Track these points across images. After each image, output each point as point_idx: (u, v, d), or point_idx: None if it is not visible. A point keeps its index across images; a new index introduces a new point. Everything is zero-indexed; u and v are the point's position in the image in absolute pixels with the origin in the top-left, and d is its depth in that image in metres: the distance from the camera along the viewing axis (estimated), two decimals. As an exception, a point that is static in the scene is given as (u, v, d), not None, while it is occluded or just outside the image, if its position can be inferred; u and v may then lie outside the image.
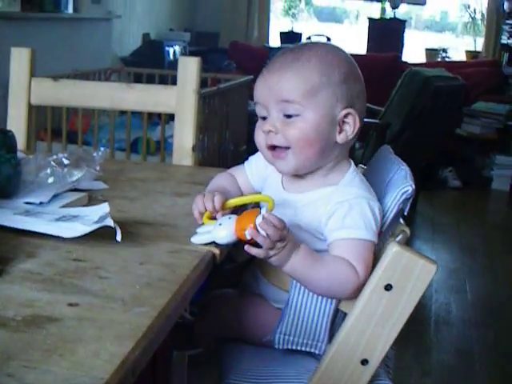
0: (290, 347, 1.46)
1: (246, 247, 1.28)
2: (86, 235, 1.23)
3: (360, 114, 1.43)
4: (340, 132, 1.41)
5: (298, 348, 1.46)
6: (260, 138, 1.44)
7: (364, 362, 1.35)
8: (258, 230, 1.26)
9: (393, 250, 1.30)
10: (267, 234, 1.25)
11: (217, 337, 1.58)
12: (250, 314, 1.52)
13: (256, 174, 1.57)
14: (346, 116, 1.41)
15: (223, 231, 1.30)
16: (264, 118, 1.43)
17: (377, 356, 1.35)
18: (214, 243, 1.30)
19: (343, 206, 1.38)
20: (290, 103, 1.38)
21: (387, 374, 1.50)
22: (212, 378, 1.57)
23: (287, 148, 1.41)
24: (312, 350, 1.45)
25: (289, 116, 1.39)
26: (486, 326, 3.64)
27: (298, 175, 1.46)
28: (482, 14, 8.69)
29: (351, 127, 1.42)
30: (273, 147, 1.43)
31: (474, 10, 8.95)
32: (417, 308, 1.34)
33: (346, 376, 1.36)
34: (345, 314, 1.41)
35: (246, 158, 1.62)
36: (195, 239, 1.32)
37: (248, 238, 1.27)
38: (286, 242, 1.28)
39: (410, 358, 3.15)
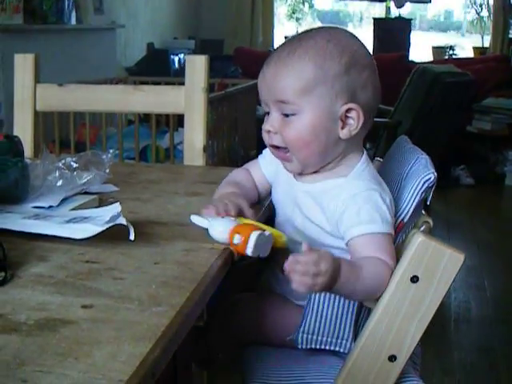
0: (313, 346, 1.41)
1: (294, 286, 1.19)
2: (98, 236, 1.19)
3: (366, 105, 1.36)
4: (343, 127, 1.35)
5: (322, 347, 1.41)
6: (264, 136, 1.40)
7: (392, 358, 1.30)
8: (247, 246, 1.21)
9: (418, 240, 1.25)
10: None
11: (237, 341, 1.54)
12: (272, 316, 1.48)
13: (270, 166, 1.53)
14: (347, 111, 1.34)
15: (221, 227, 1.24)
16: (268, 114, 1.39)
17: (405, 351, 1.30)
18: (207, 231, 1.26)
19: (355, 202, 1.32)
20: (286, 103, 1.34)
21: (415, 370, 1.45)
22: (233, 381, 1.53)
23: (287, 148, 1.37)
24: (336, 349, 1.41)
25: (286, 115, 1.35)
26: (506, 323, 3.58)
27: None
28: (489, 10, 8.64)
29: (355, 121, 1.35)
30: (275, 146, 1.39)
31: (481, 6, 8.90)
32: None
33: (374, 373, 1.31)
34: (369, 310, 1.37)
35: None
36: (194, 217, 1.28)
37: (234, 242, 1.21)
38: (325, 270, 1.19)
39: (431, 358, 3.10)
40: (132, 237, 1.20)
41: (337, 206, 1.34)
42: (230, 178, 1.54)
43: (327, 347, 1.41)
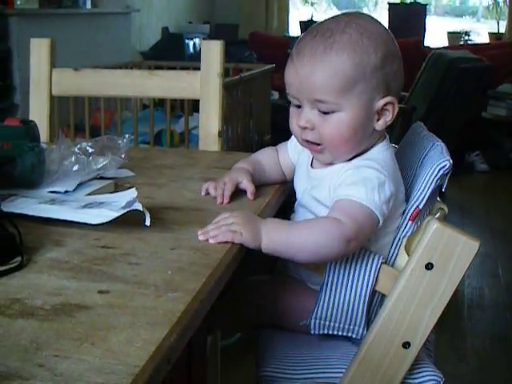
0: (325, 332, 1.42)
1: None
2: (114, 222, 1.19)
3: (397, 94, 1.38)
4: (378, 119, 1.36)
5: (335, 333, 1.42)
6: (296, 130, 1.40)
7: (406, 344, 1.30)
8: None
9: (433, 227, 1.26)
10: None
11: (251, 323, 1.54)
12: (287, 298, 1.48)
13: (295, 150, 1.53)
14: (384, 104, 1.35)
15: None
16: (298, 106, 1.38)
17: (419, 338, 1.30)
18: None
19: (348, 173, 1.33)
20: (324, 103, 1.32)
21: (429, 357, 1.45)
22: (246, 366, 1.53)
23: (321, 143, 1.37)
24: (349, 335, 1.41)
25: (324, 112, 1.34)
26: (520, 309, 3.58)
27: None
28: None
29: (390, 113, 1.37)
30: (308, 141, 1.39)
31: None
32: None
33: (388, 360, 1.32)
34: (382, 297, 1.37)
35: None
36: None
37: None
38: (239, 217, 1.22)
39: (445, 344, 3.10)
40: (148, 222, 1.20)
41: (336, 183, 1.34)
42: (252, 156, 1.60)
43: (340, 333, 1.41)
